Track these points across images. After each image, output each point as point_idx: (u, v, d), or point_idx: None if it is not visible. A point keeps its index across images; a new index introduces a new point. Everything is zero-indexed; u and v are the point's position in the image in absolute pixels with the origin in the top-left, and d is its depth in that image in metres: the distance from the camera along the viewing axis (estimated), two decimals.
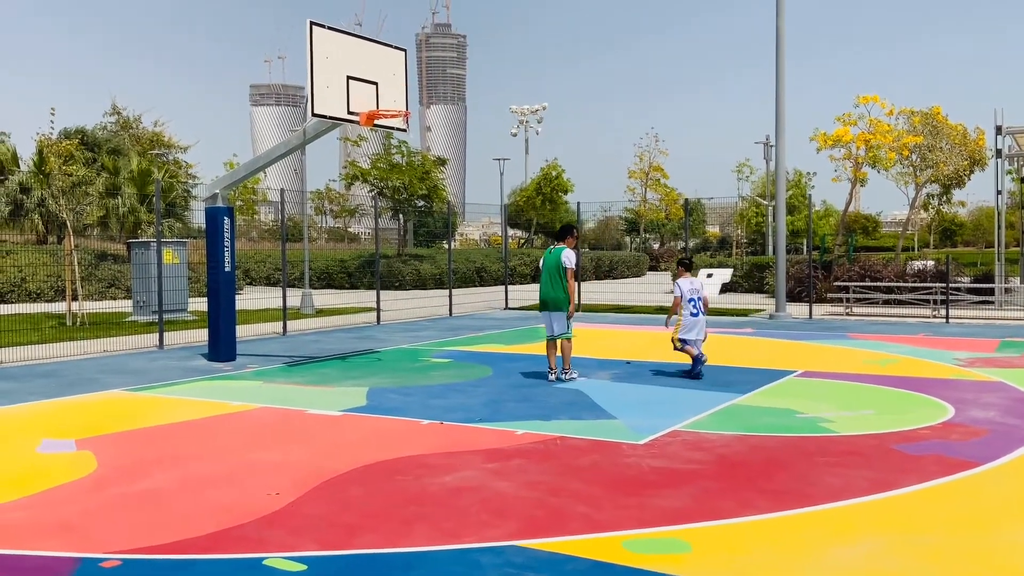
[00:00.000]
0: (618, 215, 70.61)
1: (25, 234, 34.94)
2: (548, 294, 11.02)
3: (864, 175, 28.69)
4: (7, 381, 11.43)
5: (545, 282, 11.03)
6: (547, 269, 11.03)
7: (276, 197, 20.74)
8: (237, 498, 6.06)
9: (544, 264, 11.11)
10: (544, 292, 11.09)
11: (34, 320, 18.85)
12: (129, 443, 7.86)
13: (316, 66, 11.82)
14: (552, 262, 10.98)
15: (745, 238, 55.98)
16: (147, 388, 10.85)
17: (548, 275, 11.00)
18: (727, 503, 5.87)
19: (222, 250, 13.23)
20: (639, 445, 7.54)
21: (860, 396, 9.94)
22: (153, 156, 35.77)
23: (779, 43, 20.53)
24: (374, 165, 37.86)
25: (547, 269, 11.03)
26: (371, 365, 12.83)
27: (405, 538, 5.21)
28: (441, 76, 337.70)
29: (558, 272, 10.91)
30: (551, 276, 10.96)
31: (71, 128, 36.90)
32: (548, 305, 11.05)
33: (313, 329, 18.63)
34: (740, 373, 11.70)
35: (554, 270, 10.95)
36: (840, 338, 15.86)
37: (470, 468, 6.79)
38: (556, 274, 10.92)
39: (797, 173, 52.57)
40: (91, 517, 5.68)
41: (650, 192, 60.93)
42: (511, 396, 10.02)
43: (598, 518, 5.57)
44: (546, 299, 11.06)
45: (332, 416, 8.99)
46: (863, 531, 5.31)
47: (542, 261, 11.16)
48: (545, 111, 60.58)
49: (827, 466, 6.79)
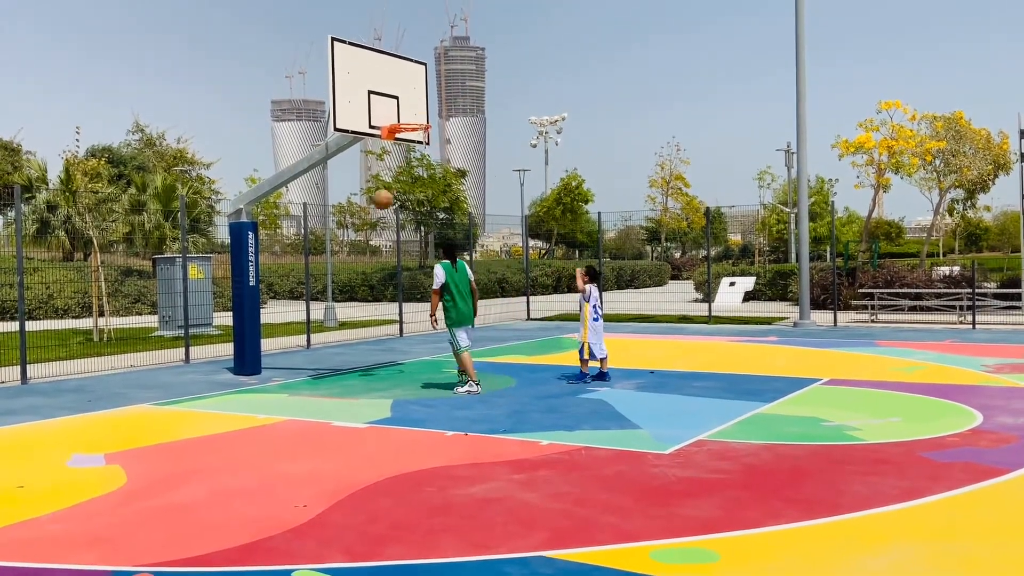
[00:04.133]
0: (639, 224, 70.50)
1: (52, 251, 35.42)
2: (470, 308, 11.45)
3: (887, 181, 28.51)
4: (36, 397, 11.58)
5: (467, 297, 11.41)
6: (466, 285, 11.40)
7: (298, 211, 20.91)
8: (265, 510, 6.11)
9: (460, 280, 11.33)
10: (468, 307, 11.41)
11: (62, 336, 19.08)
12: (157, 457, 7.94)
13: (338, 81, 11.93)
14: (466, 278, 11.40)
15: (767, 246, 55.71)
16: (174, 402, 10.95)
17: (467, 291, 11.41)
18: (754, 512, 5.84)
19: (247, 265, 13.35)
20: (664, 455, 7.52)
21: (887, 404, 9.87)
22: (177, 173, 36.16)
23: (799, 49, 20.48)
24: (396, 179, 38.09)
25: (466, 285, 11.40)
26: (394, 377, 12.88)
27: (433, 549, 5.23)
28: (460, 89, 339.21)
29: (470, 287, 11.42)
30: (468, 291, 11.42)
31: (97, 146, 37.42)
32: (472, 319, 11.51)
33: (336, 342, 18.73)
34: (765, 382, 11.64)
35: (467, 285, 11.38)
36: (866, 345, 15.75)
37: (496, 479, 6.80)
38: (469, 289, 11.42)
39: (819, 180, 52.37)
40: (122, 530, 5.74)
41: (671, 201, 60.82)
42: (535, 407, 10.03)
43: (625, 528, 5.56)
44: (471, 314, 11.48)
45: (357, 428, 9.03)
46: (892, 540, 5.27)
47: (451, 277, 11.28)
48: (564, 121, 60.70)
49: (855, 474, 6.75)
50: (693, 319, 22.59)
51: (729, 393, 10.72)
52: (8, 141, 40.58)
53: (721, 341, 17.19)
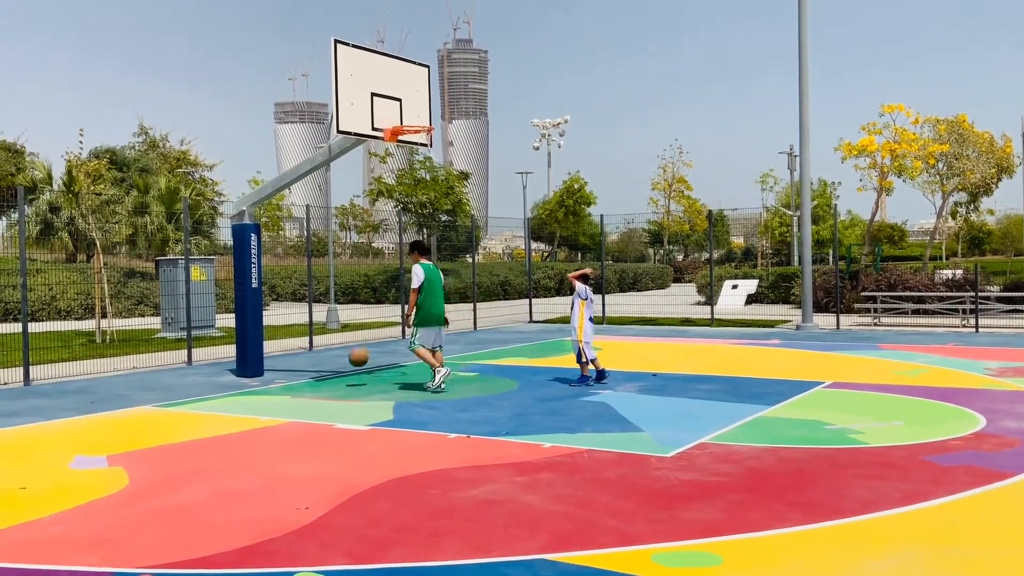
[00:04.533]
0: (641, 227, 70.49)
1: (55, 253, 35.46)
2: (442, 309, 11.56)
3: (890, 184, 28.46)
4: (39, 398, 11.59)
5: (440, 297, 11.54)
6: (439, 285, 11.58)
7: (301, 213, 20.91)
8: (267, 512, 6.10)
9: (435, 280, 11.49)
10: (440, 308, 11.53)
11: (64, 337, 19.09)
12: (160, 458, 7.94)
13: (341, 83, 11.94)
14: (439, 278, 11.57)
15: (770, 249, 55.69)
16: (177, 404, 10.96)
17: (440, 291, 11.57)
18: (757, 515, 5.83)
19: (249, 266, 13.35)
20: (667, 458, 7.51)
21: (890, 407, 9.85)
22: (181, 175, 36.21)
23: (802, 52, 20.48)
24: (399, 181, 38.12)
25: (439, 285, 11.58)
26: (397, 379, 12.88)
27: (435, 552, 5.23)
28: (463, 91, 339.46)
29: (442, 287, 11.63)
30: (440, 292, 11.58)
31: (100, 148, 37.48)
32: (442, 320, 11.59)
33: (339, 344, 18.73)
34: (767, 385, 11.63)
35: (440, 285, 11.57)
36: (869, 348, 15.73)
37: (498, 481, 6.80)
38: (442, 289, 11.61)
39: (822, 183, 52.39)
40: (124, 532, 5.74)
41: (673, 204, 60.80)
42: (537, 409, 10.02)
43: (627, 531, 5.56)
44: (442, 315, 11.57)
45: (360, 430, 9.03)
46: (895, 543, 5.26)
47: (428, 276, 11.40)
48: (567, 124, 60.72)
49: (858, 478, 6.74)
50: (695, 322, 22.57)
51: (731, 396, 10.71)
52: (12, 143, 40.67)
53: (723, 344, 17.18)
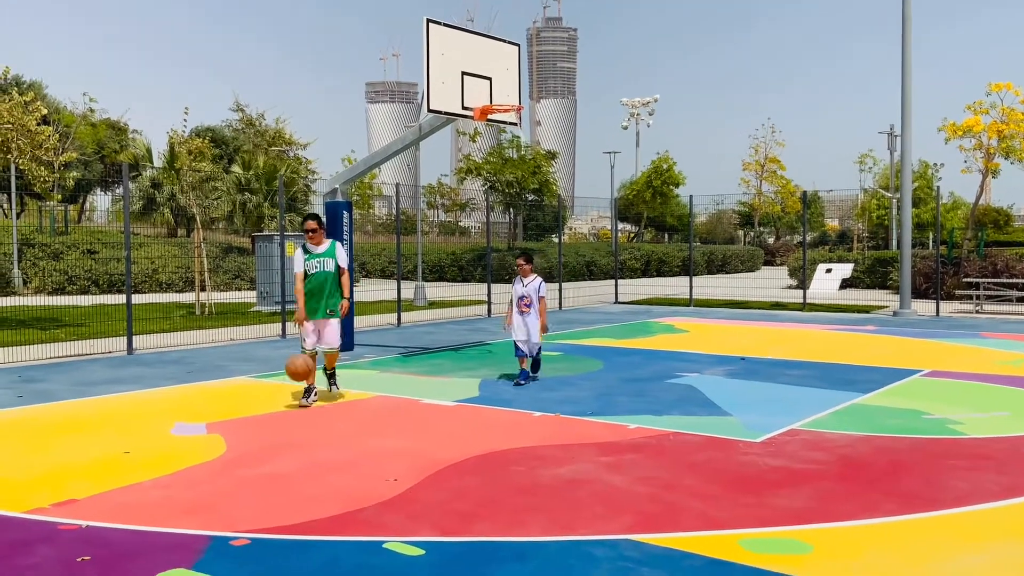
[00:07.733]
0: (731, 208, 69.13)
1: (156, 227, 36.83)
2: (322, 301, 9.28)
3: (996, 166, 27.28)
4: (141, 367, 12.08)
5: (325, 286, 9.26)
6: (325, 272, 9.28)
7: (390, 191, 21.18)
8: (357, 483, 6.24)
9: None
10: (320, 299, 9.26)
11: (165, 309, 19.84)
12: (255, 428, 8.20)
13: (432, 63, 12.02)
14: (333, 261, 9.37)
15: (866, 232, 53.96)
16: (271, 376, 11.28)
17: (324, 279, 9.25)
18: (849, 505, 5.69)
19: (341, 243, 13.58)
20: (756, 443, 7.39)
21: (993, 397, 9.47)
22: (278, 153, 37.10)
23: (905, 28, 19.70)
24: (486, 159, 38.25)
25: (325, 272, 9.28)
26: (483, 357, 12.98)
27: (519, 528, 5.27)
28: (552, 70, 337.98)
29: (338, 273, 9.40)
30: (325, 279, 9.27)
31: (201, 126, 38.72)
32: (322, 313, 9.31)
33: (426, 321, 18.98)
34: (862, 372, 11.31)
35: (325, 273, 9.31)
36: (971, 337, 15.14)
37: (583, 461, 6.80)
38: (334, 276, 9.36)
39: (923, 164, 50.38)
40: (221, 497, 5.96)
41: (766, 184, 59.43)
42: (622, 390, 9.97)
43: (714, 515, 5.50)
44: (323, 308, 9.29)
45: (446, 406, 9.14)
46: (993, 537, 5.07)
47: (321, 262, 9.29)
48: (656, 103, 59.83)
49: (956, 469, 6.51)
50: (787, 306, 22.08)
51: (824, 382, 10.45)
52: (116, 120, 42.30)
53: (816, 329, 16.77)
